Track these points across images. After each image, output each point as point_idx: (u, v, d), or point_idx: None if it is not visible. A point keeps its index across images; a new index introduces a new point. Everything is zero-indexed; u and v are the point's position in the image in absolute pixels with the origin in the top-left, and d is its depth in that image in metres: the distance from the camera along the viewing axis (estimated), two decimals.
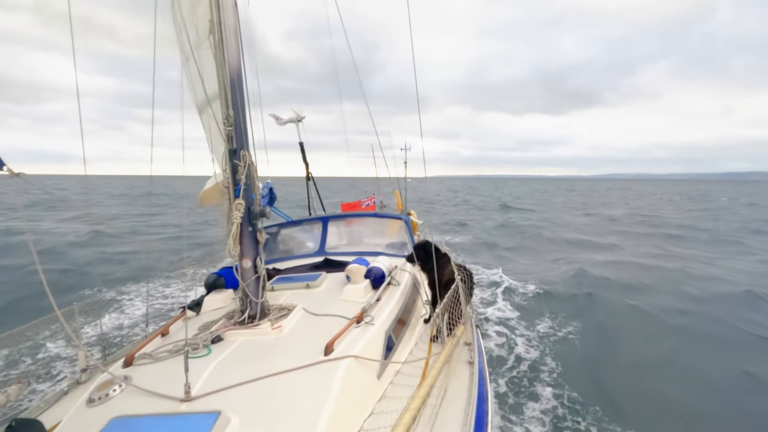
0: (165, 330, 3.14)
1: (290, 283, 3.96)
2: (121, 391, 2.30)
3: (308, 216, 6.77)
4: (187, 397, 2.11)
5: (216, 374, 2.34)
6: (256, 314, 3.00)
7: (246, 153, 2.91)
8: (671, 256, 14.35)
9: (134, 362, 2.63)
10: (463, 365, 3.05)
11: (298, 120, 8.43)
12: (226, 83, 2.86)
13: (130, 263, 12.00)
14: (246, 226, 2.95)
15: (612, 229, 22.39)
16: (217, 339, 2.77)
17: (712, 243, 17.60)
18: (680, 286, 10.12)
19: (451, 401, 2.57)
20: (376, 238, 5.80)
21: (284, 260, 5.16)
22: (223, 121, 2.84)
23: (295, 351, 2.61)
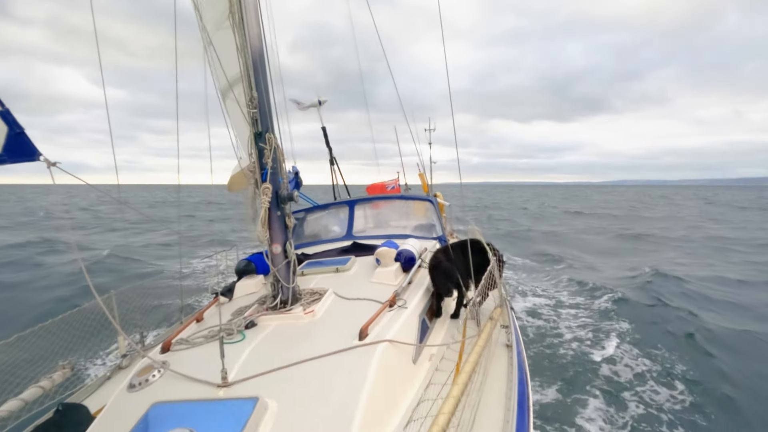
0: (200, 316, 3.16)
1: (320, 267, 3.93)
2: (160, 376, 2.32)
3: (333, 201, 6.72)
4: (224, 383, 2.10)
5: (251, 359, 2.33)
6: (287, 299, 2.98)
7: (271, 136, 2.84)
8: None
9: (172, 348, 2.66)
10: (501, 348, 2.95)
11: (320, 104, 8.34)
12: (248, 64, 2.78)
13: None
14: (274, 211, 2.90)
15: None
16: (251, 324, 2.76)
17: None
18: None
19: (491, 386, 2.49)
20: (404, 221, 5.71)
21: (312, 245, 5.14)
22: (246, 104, 2.77)
23: (329, 335, 2.57)
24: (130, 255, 14.17)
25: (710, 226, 25.78)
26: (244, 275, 3.89)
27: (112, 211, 34.18)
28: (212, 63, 3.17)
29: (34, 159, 1.90)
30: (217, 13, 3.02)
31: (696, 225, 26.27)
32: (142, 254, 14.81)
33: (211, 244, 15.93)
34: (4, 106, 1.73)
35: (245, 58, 2.78)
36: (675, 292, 9.10)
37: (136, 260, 13.54)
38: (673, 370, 5.70)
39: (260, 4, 2.86)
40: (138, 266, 12.54)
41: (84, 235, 19.87)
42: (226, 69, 3.01)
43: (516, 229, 24.32)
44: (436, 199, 5.94)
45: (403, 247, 3.87)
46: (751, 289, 9.89)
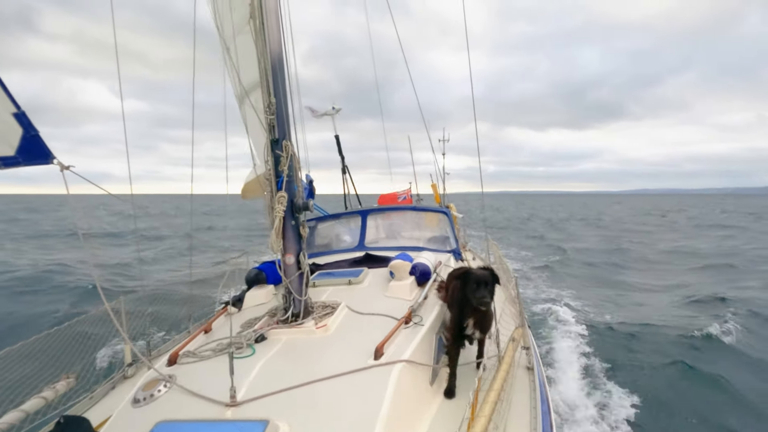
0: (208, 327, 3.07)
1: (332, 279, 3.82)
2: (166, 391, 2.22)
3: (345, 210, 6.63)
4: (233, 402, 1.99)
5: (261, 377, 2.22)
6: (299, 312, 2.87)
7: (288, 143, 2.77)
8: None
9: (179, 360, 2.56)
10: (522, 371, 2.80)
11: (335, 112, 8.31)
12: (267, 69, 2.72)
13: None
14: (289, 220, 2.81)
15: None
16: (261, 338, 2.66)
17: None
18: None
19: (514, 413, 2.34)
20: (417, 232, 5.59)
21: (323, 255, 5.04)
22: (264, 110, 2.70)
23: (343, 353, 2.45)
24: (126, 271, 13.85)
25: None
26: (254, 285, 3.80)
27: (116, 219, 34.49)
28: (230, 69, 3.13)
29: (48, 162, 1.85)
30: (237, 17, 2.98)
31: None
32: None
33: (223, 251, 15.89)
34: (20, 108, 1.68)
35: (264, 64, 2.72)
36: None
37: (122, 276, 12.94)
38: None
39: (281, 10, 2.80)
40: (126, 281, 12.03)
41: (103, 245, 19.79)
42: (244, 75, 2.97)
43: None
44: (449, 211, 5.82)
45: (417, 260, 3.75)
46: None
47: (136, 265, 13.81)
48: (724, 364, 6.32)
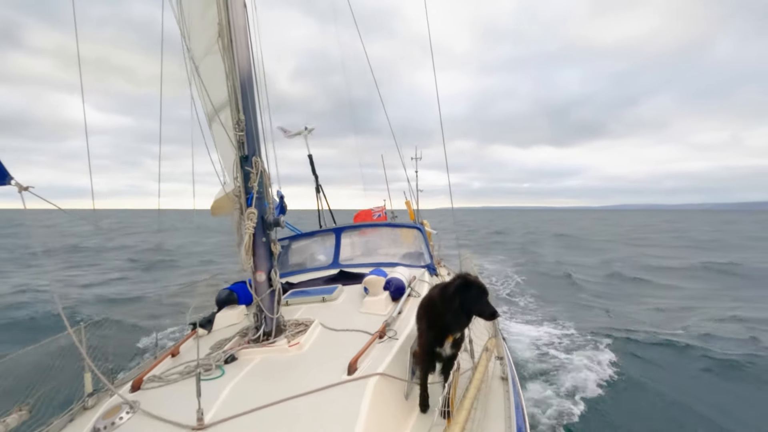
0: (175, 350, 2.95)
1: (305, 297, 3.76)
2: (129, 418, 2.11)
3: (319, 228, 6.59)
4: (200, 425, 1.91)
5: (231, 398, 2.14)
6: (271, 331, 2.81)
7: (258, 159, 2.76)
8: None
9: (143, 386, 2.44)
10: (496, 381, 2.81)
11: (307, 132, 8.34)
12: (236, 86, 2.72)
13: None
14: (259, 237, 2.77)
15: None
16: (231, 359, 2.57)
17: None
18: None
19: (489, 417, 2.34)
20: (392, 249, 5.60)
21: (297, 274, 4.97)
22: (233, 126, 2.69)
23: (316, 370, 2.40)
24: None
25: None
26: (225, 305, 3.69)
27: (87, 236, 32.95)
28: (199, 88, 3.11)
29: (5, 183, 1.80)
30: (206, 37, 2.99)
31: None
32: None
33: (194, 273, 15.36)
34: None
35: (233, 81, 2.73)
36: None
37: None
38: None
39: (250, 28, 2.84)
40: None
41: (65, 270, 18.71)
42: (215, 93, 2.96)
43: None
44: (423, 227, 5.88)
45: (392, 276, 3.75)
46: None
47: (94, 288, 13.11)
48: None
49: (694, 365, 6.84)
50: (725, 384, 6.24)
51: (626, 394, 5.87)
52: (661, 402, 5.65)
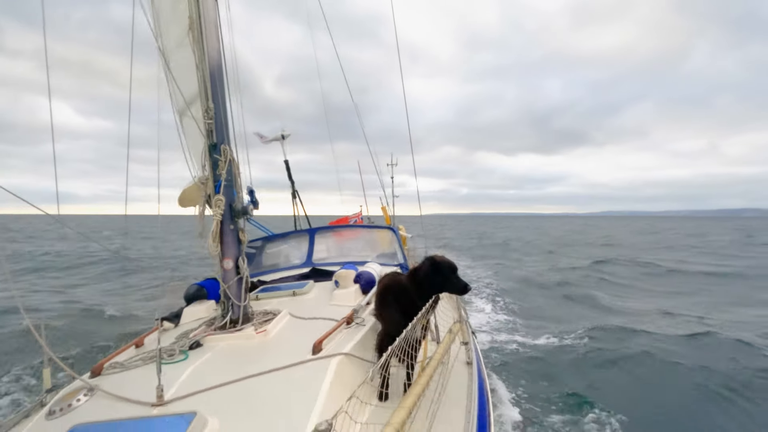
0: (139, 341, 2.90)
1: (276, 292, 3.76)
2: (86, 401, 2.07)
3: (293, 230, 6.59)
4: (160, 401, 1.90)
5: (193, 378, 2.13)
6: (238, 319, 2.80)
7: (227, 147, 2.79)
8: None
9: (103, 372, 2.40)
10: (461, 366, 2.87)
11: (283, 138, 8.38)
12: (206, 75, 2.77)
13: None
14: (227, 224, 2.79)
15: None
16: (196, 345, 2.56)
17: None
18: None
19: (450, 401, 2.38)
20: (366, 250, 5.65)
21: (269, 273, 4.95)
22: (203, 114, 2.73)
23: (281, 353, 2.41)
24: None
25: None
26: (194, 301, 3.65)
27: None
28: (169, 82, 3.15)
29: None
30: (177, 30, 3.04)
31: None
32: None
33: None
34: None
35: (203, 71, 2.78)
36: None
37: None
38: None
39: (220, 20, 2.90)
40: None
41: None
42: (186, 86, 2.99)
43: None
44: (397, 229, 5.96)
45: (363, 270, 3.80)
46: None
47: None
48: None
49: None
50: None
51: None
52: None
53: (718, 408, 5.24)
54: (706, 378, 5.88)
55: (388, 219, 8.43)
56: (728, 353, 6.73)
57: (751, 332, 7.91)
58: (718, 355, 6.69)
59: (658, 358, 6.61)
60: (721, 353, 6.76)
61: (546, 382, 6.02)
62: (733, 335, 7.58)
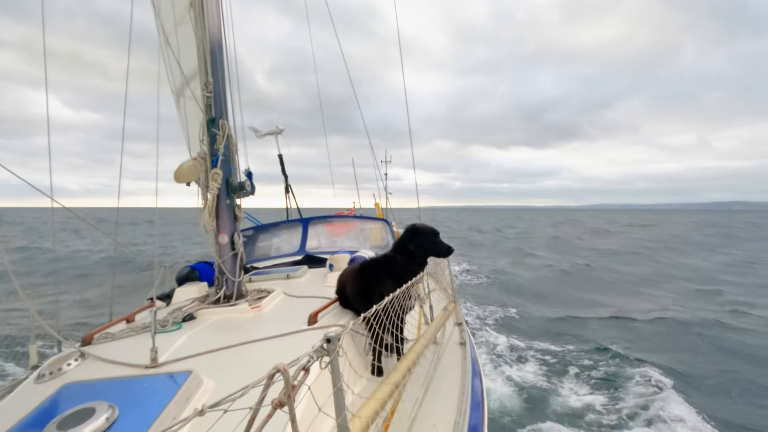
0: (130, 317, 2.87)
1: (269, 275, 3.75)
2: (77, 365, 2.04)
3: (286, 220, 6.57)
4: (154, 364, 1.88)
5: (187, 344, 2.12)
6: (232, 295, 2.79)
7: (225, 122, 2.80)
8: None
9: (94, 342, 2.37)
10: (455, 346, 2.89)
11: (278, 132, 8.38)
12: (206, 51, 2.78)
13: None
14: (223, 199, 2.79)
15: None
16: (189, 318, 2.54)
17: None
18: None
19: (445, 379, 2.40)
20: (359, 241, 5.66)
21: (262, 260, 4.93)
22: (201, 88, 2.73)
23: (277, 325, 2.41)
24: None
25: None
26: (185, 282, 3.62)
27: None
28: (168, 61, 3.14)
29: None
30: (178, 9, 3.04)
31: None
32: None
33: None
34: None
35: (203, 46, 2.78)
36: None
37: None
38: None
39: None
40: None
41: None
42: (184, 65, 2.99)
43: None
44: (390, 221, 5.98)
45: (357, 254, 3.80)
46: None
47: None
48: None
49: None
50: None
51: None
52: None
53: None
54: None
55: (380, 214, 8.45)
56: None
57: None
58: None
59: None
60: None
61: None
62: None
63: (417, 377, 2.24)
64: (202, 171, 2.74)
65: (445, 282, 3.32)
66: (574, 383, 5.88)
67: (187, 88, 2.96)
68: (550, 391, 5.66)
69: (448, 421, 1.96)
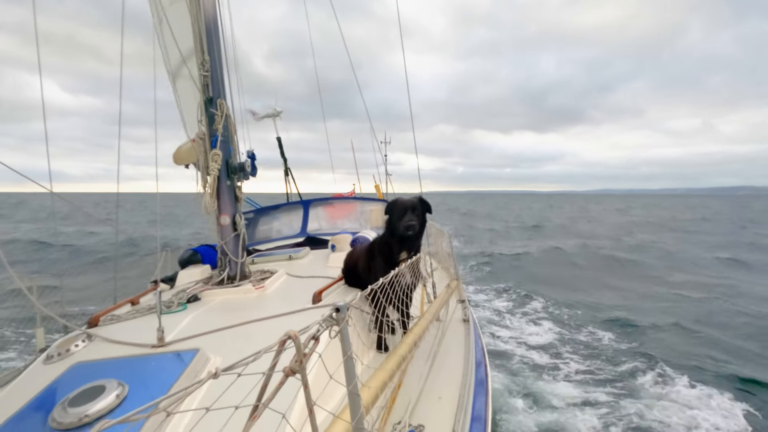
0: (135, 300, 2.89)
1: (272, 257, 3.76)
2: (85, 346, 2.06)
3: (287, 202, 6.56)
4: (161, 343, 1.90)
5: (193, 324, 2.14)
6: (235, 276, 2.80)
7: (223, 102, 2.75)
8: None
9: (100, 324, 2.38)
10: (458, 323, 2.91)
11: (276, 115, 8.29)
12: (201, 28, 2.71)
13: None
14: (224, 180, 2.77)
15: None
16: (194, 299, 2.55)
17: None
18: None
19: (449, 354, 2.43)
20: (360, 222, 5.66)
21: (263, 243, 4.94)
22: (198, 67, 2.68)
23: (281, 304, 2.42)
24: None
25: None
26: (188, 265, 3.63)
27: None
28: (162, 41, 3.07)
29: None
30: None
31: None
32: None
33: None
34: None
35: (198, 24, 2.71)
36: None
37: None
38: None
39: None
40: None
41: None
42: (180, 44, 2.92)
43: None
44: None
45: (359, 234, 3.81)
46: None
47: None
48: None
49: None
50: None
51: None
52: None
53: None
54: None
55: (381, 197, 8.43)
56: None
57: None
58: None
59: None
60: None
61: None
62: None
63: (422, 352, 2.27)
64: (201, 152, 2.71)
65: (448, 261, 3.33)
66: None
67: (184, 67, 2.91)
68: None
69: (452, 395, 1.99)
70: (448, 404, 1.90)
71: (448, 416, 1.80)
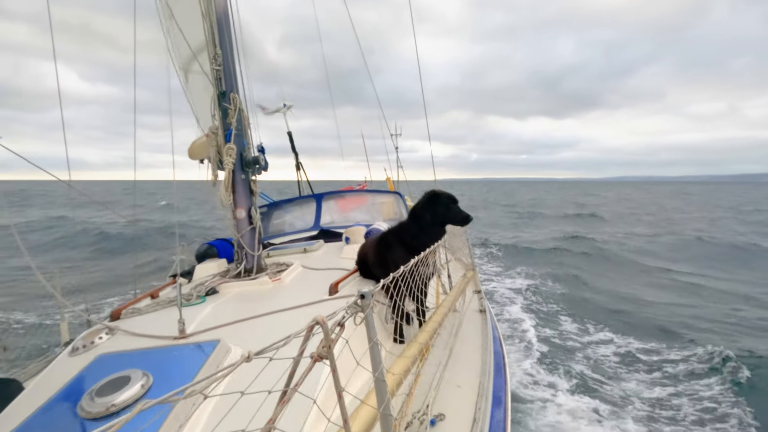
0: (155, 293, 2.93)
1: (286, 249, 3.78)
2: (109, 338, 2.10)
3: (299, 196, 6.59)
4: (182, 335, 1.93)
5: (213, 316, 2.16)
6: (252, 269, 2.82)
7: (236, 96, 2.76)
8: None
9: (122, 317, 2.43)
10: (475, 313, 2.90)
11: (286, 109, 8.28)
12: (213, 22, 2.71)
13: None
14: (239, 174, 2.78)
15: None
16: (212, 291, 2.58)
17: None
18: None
19: (467, 343, 2.42)
20: (373, 214, 5.66)
21: (277, 237, 4.97)
22: (210, 61, 2.68)
23: (298, 295, 2.43)
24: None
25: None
26: (204, 259, 3.67)
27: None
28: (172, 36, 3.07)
29: None
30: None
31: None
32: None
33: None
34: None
35: (210, 15, 2.71)
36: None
37: None
38: None
39: None
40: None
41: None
42: (190, 39, 2.93)
43: None
44: (402, 194, 5.95)
45: (373, 226, 3.80)
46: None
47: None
48: None
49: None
50: None
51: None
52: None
53: None
54: None
55: (392, 189, 8.41)
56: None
57: None
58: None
59: None
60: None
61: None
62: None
63: (440, 341, 2.27)
64: (214, 146, 2.73)
65: (463, 251, 3.31)
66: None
67: (196, 61, 2.92)
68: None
69: (472, 384, 1.99)
70: (467, 393, 1.90)
71: (468, 405, 1.80)
